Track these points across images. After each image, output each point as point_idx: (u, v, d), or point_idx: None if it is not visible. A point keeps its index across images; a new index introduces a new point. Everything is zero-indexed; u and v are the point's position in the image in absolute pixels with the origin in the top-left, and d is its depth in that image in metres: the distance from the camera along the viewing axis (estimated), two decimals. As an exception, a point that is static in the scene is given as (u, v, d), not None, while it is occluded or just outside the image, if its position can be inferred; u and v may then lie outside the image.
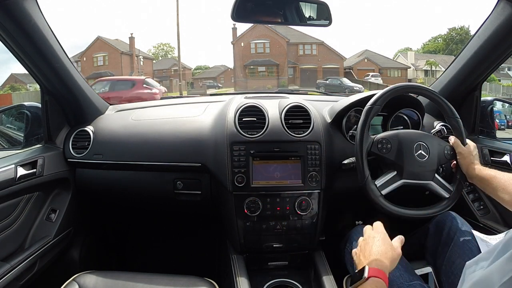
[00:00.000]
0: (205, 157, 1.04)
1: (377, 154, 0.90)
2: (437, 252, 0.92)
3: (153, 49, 29.20)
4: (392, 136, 0.91)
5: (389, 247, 0.66)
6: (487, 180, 0.84)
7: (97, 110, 1.23)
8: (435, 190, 0.90)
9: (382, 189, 0.88)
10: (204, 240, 1.51)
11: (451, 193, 0.90)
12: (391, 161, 0.90)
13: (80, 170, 1.14)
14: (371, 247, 0.67)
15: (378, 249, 0.66)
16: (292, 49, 20.94)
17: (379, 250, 0.65)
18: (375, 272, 0.60)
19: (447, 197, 0.90)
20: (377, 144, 0.90)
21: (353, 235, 0.95)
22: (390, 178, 0.89)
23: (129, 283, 0.86)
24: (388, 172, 0.90)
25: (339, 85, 17.21)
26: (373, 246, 0.67)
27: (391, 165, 0.90)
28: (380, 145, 0.90)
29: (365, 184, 0.87)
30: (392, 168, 0.90)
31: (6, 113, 1.33)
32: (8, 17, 0.81)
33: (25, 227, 1.02)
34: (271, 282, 1.00)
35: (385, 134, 0.92)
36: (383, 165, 0.93)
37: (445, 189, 0.91)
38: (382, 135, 0.92)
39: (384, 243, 0.67)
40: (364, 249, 0.68)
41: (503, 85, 18.06)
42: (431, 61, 22.19)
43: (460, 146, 0.91)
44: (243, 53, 20.61)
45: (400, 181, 0.89)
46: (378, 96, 0.90)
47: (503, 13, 0.91)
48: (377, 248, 0.66)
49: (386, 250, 0.65)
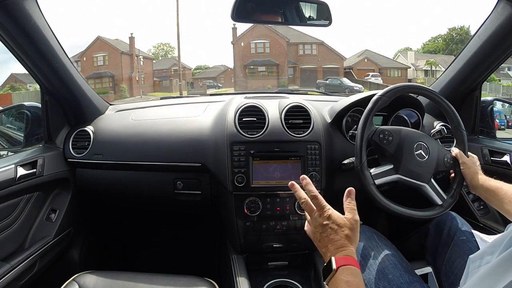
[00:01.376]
0: (205, 157, 1.04)
1: (378, 143, 0.90)
2: (437, 252, 0.92)
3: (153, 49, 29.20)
4: (395, 130, 0.91)
5: (343, 225, 0.59)
6: (492, 191, 0.83)
7: (97, 110, 1.23)
8: (428, 195, 0.90)
9: (376, 178, 0.87)
10: (204, 240, 1.51)
11: (444, 201, 0.89)
12: (390, 153, 0.89)
13: (80, 170, 1.14)
14: (328, 235, 0.59)
15: (334, 235, 0.58)
16: (292, 49, 20.93)
17: (336, 236, 0.58)
18: (343, 260, 0.55)
19: (439, 204, 0.89)
20: (379, 133, 0.90)
21: None
22: (386, 170, 0.89)
23: (129, 283, 0.86)
24: (385, 164, 0.90)
25: (339, 85, 17.22)
26: (330, 234, 0.59)
27: (389, 158, 0.90)
28: (382, 135, 0.90)
29: (360, 169, 0.86)
30: (389, 161, 0.90)
31: (6, 113, 1.33)
32: (8, 17, 0.81)
33: (25, 227, 1.02)
34: (271, 282, 1.00)
35: (389, 127, 0.92)
36: (381, 157, 0.93)
37: (439, 196, 0.90)
38: (386, 127, 0.92)
39: (337, 223, 0.59)
40: (321, 238, 0.60)
41: (503, 85, 18.06)
42: (431, 61, 22.17)
43: (463, 156, 0.91)
44: (243, 53, 20.60)
45: (395, 175, 0.88)
46: (390, 88, 0.91)
47: (503, 13, 0.91)
48: (333, 233, 0.59)
49: (343, 230, 0.58)
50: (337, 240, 0.58)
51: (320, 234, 0.60)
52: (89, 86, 1.19)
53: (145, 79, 21.80)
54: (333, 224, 0.59)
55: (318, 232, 0.61)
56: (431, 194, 0.90)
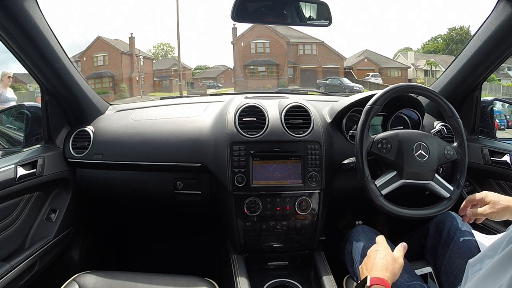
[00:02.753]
0: (205, 157, 1.04)
1: (377, 154, 0.90)
2: (437, 252, 0.92)
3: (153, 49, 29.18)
4: (392, 136, 0.91)
5: (390, 260, 0.70)
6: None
7: (97, 110, 1.23)
8: (435, 190, 0.90)
9: (382, 189, 0.87)
10: (204, 240, 1.51)
11: (451, 193, 0.90)
12: (391, 161, 0.90)
13: (80, 170, 1.14)
14: (373, 261, 0.70)
15: (380, 261, 0.69)
16: (292, 49, 20.92)
17: (381, 263, 0.69)
18: (377, 280, 0.63)
19: (447, 197, 0.90)
20: (377, 144, 0.90)
21: (353, 235, 0.96)
22: (390, 178, 0.89)
23: (129, 283, 0.86)
24: (388, 172, 0.90)
25: (339, 85, 17.21)
26: (375, 260, 0.70)
27: (391, 165, 0.90)
28: (380, 145, 0.90)
29: (365, 184, 0.87)
30: (392, 168, 0.90)
31: (6, 113, 1.33)
32: (8, 17, 0.81)
33: (25, 227, 1.02)
34: (271, 282, 1.00)
35: (385, 134, 0.92)
36: (383, 165, 0.93)
37: (445, 189, 0.90)
38: (382, 135, 0.92)
39: (385, 257, 0.70)
40: (367, 262, 0.72)
41: (503, 85, 18.05)
42: (431, 61, 22.17)
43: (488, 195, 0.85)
44: (243, 53, 20.59)
45: (400, 181, 0.89)
46: (378, 96, 0.90)
47: (503, 13, 0.91)
48: (379, 261, 0.69)
49: (387, 263, 0.69)
50: (380, 266, 0.68)
51: (368, 257, 0.73)
52: (89, 86, 1.19)
53: (145, 79, 21.79)
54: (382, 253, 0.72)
55: (368, 256, 0.74)
56: (438, 189, 0.90)
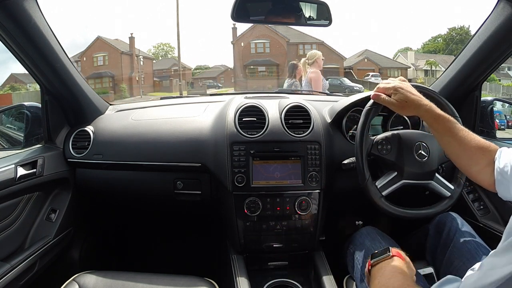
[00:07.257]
0: (205, 157, 1.04)
1: (377, 155, 0.90)
2: (436, 252, 0.92)
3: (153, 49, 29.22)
4: (392, 137, 0.91)
5: None
6: None
7: (97, 110, 1.23)
8: (436, 190, 0.90)
9: (383, 190, 0.87)
10: (204, 240, 1.50)
11: (452, 192, 0.90)
12: (392, 161, 0.89)
13: (80, 170, 1.14)
14: None
15: None
16: (292, 49, 20.92)
17: None
18: (400, 254, 0.62)
19: (448, 196, 0.90)
20: (377, 145, 0.90)
21: (358, 237, 0.95)
22: (391, 179, 0.89)
23: (129, 283, 0.86)
24: (389, 173, 0.90)
25: (339, 85, 17.20)
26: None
27: (391, 166, 0.90)
28: (380, 146, 0.90)
29: (366, 186, 0.87)
30: (392, 169, 0.90)
31: (6, 113, 1.33)
32: (8, 17, 0.81)
33: (25, 227, 1.02)
34: (271, 282, 1.00)
35: (385, 135, 0.92)
36: (384, 165, 0.93)
37: (446, 188, 0.91)
38: (382, 136, 0.92)
39: None
40: None
41: (503, 85, 18.07)
42: (431, 61, 22.18)
43: None
44: (243, 53, 20.61)
45: (400, 181, 0.89)
46: None
47: (503, 13, 0.90)
48: None
49: None
50: None
51: None
52: (89, 86, 1.19)
53: (145, 79, 21.81)
54: None
55: None
56: (438, 188, 0.90)
